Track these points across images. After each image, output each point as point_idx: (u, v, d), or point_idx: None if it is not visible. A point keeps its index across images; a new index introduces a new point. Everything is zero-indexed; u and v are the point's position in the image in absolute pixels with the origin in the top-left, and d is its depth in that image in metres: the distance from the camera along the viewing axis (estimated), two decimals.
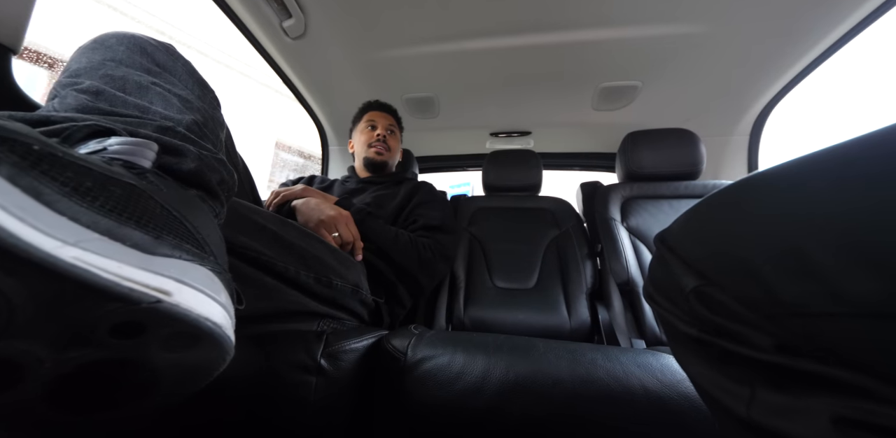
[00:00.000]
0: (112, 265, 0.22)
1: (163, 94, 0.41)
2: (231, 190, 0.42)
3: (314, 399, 0.51)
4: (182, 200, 0.32)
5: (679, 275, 0.25)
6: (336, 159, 1.85)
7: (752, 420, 0.21)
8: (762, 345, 0.21)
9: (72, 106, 0.36)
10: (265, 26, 1.13)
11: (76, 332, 0.22)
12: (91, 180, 0.25)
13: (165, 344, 0.25)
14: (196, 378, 0.29)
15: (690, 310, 0.25)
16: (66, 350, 0.22)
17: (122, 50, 0.43)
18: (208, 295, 0.27)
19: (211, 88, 0.50)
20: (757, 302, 0.20)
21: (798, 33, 1.08)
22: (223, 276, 0.30)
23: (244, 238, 0.53)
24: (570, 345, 0.60)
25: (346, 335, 0.58)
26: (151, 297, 0.23)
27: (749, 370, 0.22)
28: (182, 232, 0.29)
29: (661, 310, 0.29)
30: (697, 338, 0.25)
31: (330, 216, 0.80)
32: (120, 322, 0.22)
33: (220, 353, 0.28)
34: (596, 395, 0.50)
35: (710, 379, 0.25)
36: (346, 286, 0.68)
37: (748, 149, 1.50)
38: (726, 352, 0.23)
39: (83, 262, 0.21)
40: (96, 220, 0.23)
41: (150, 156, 0.32)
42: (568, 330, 1.06)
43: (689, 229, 0.27)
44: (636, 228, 1.16)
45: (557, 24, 1.13)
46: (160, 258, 0.25)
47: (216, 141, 0.44)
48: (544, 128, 1.73)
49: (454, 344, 0.59)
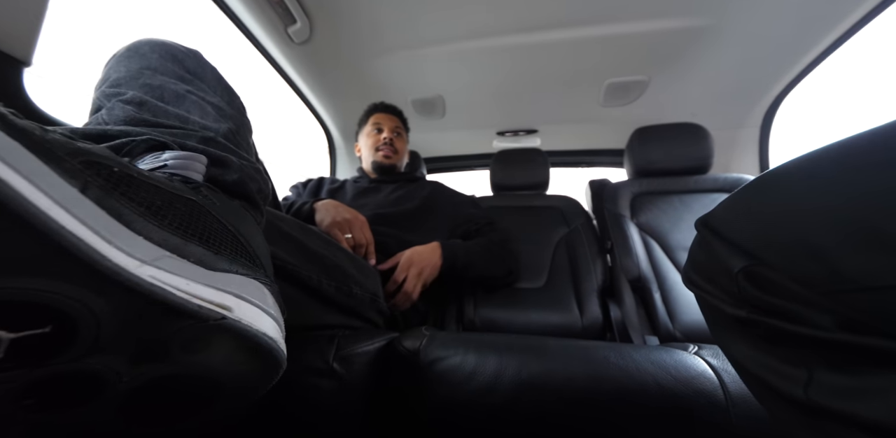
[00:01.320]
0: (182, 283, 0.23)
1: (198, 103, 0.42)
2: (267, 198, 0.43)
3: (327, 403, 0.51)
4: (233, 213, 0.33)
5: (725, 257, 0.25)
6: (343, 162, 1.85)
7: (811, 402, 0.20)
8: (821, 323, 0.20)
9: (120, 118, 0.38)
10: (270, 32, 1.14)
11: (150, 348, 0.23)
12: (161, 199, 0.26)
13: (227, 358, 0.26)
14: (254, 391, 0.29)
15: (739, 292, 0.24)
16: (141, 364, 0.23)
17: (156, 58, 0.45)
18: (262, 309, 0.28)
19: (237, 94, 0.51)
20: (814, 279, 0.20)
21: (808, 23, 1.06)
22: (272, 288, 0.31)
23: (270, 246, 0.53)
24: (582, 343, 0.59)
25: (357, 338, 0.59)
26: (217, 314, 0.24)
27: (805, 350, 0.21)
28: (236, 246, 0.30)
29: (703, 294, 0.29)
30: (746, 320, 0.24)
31: (345, 218, 0.82)
32: (188, 338, 0.23)
33: (275, 365, 0.29)
34: (609, 393, 0.50)
35: (759, 362, 0.24)
36: (366, 295, 0.68)
37: (759, 142, 1.48)
38: (779, 332, 0.22)
39: (158, 281, 0.22)
40: (166, 238, 0.24)
41: (201, 170, 0.34)
42: (580, 329, 1.06)
43: (737, 210, 0.27)
44: (646, 224, 1.15)
45: (563, 21, 1.12)
46: (220, 273, 0.26)
47: (248, 148, 0.45)
48: (551, 126, 1.72)
49: (466, 345, 0.59)
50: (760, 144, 1.48)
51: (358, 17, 1.13)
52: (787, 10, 1.04)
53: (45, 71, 0.68)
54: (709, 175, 1.22)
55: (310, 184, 1.22)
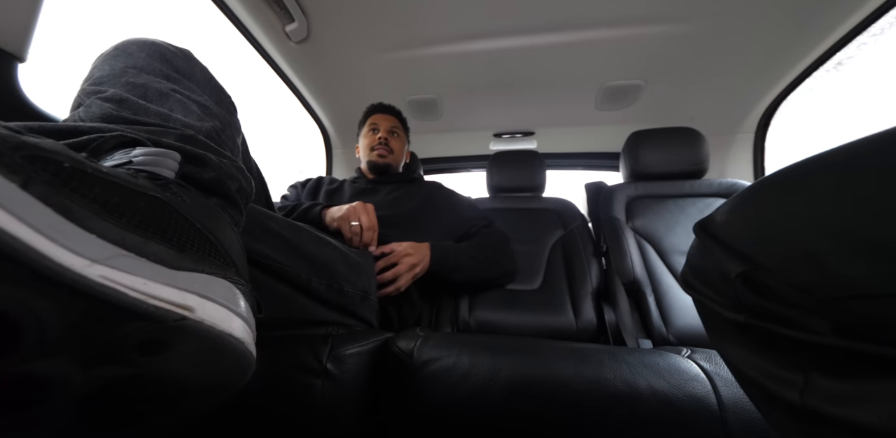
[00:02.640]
0: (138, 282, 0.22)
1: (182, 101, 0.41)
2: (249, 197, 0.42)
3: (321, 403, 0.51)
4: (204, 211, 0.32)
5: (723, 261, 0.25)
6: (340, 162, 1.85)
7: (807, 407, 0.20)
8: (818, 329, 0.20)
9: (97, 115, 0.37)
10: (268, 31, 1.14)
11: (104, 350, 0.22)
12: (119, 195, 0.25)
13: (190, 359, 0.25)
14: (220, 393, 0.29)
15: (736, 296, 0.24)
16: (94, 367, 0.22)
17: (143, 57, 0.44)
18: (230, 309, 0.27)
19: (228, 93, 0.50)
20: (811, 285, 0.20)
21: (803, 29, 1.07)
22: (244, 287, 0.30)
23: (257, 245, 0.53)
24: (576, 346, 0.59)
25: (351, 338, 0.59)
26: (176, 315, 0.23)
27: (802, 355, 0.21)
28: (205, 245, 0.29)
29: (702, 298, 0.29)
30: (744, 324, 0.24)
31: (352, 206, 0.85)
32: (146, 339, 0.22)
33: (243, 367, 0.28)
34: (603, 396, 0.50)
35: (756, 366, 0.24)
36: (357, 292, 0.68)
37: (754, 148, 1.49)
38: (776, 337, 0.22)
39: (110, 281, 0.21)
40: (124, 236, 0.23)
41: (173, 166, 0.32)
42: (574, 331, 1.06)
43: (735, 215, 0.26)
44: (641, 228, 1.16)
45: (560, 25, 1.13)
46: (184, 273, 0.25)
47: (234, 147, 0.45)
48: (548, 129, 1.73)
49: (460, 346, 0.59)
50: (755, 150, 1.49)
51: (356, 17, 1.12)
52: (782, 18, 1.05)
53: (48, 54, 0.67)
54: (704, 179, 1.23)
55: (308, 184, 1.21)
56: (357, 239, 0.83)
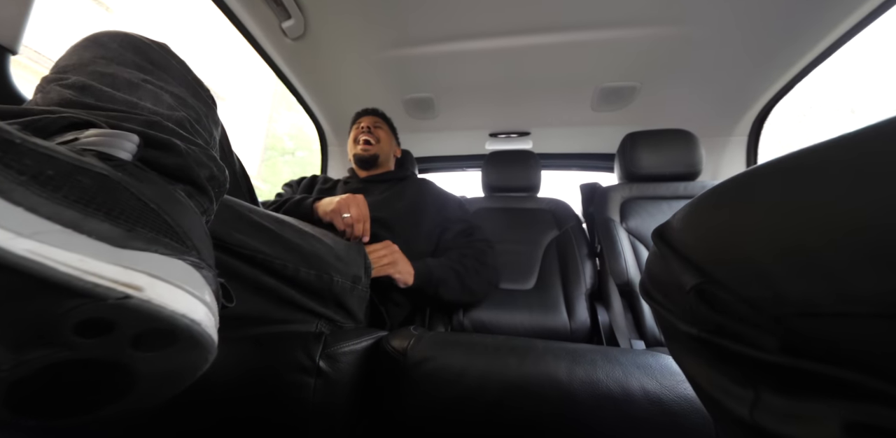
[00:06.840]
0: (73, 258, 0.21)
1: (154, 92, 0.40)
2: (222, 186, 0.40)
3: (313, 401, 0.51)
4: (162, 194, 0.30)
5: (678, 273, 0.24)
6: (335, 159, 1.85)
7: (755, 423, 0.20)
8: (767, 346, 0.19)
9: (54, 100, 0.35)
10: (265, 27, 1.13)
11: (37, 332, 0.21)
12: (53, 169, 0.23)
13: (138, 342, 0.23)
14: (177, 380, 0.27)
15: (691, 309, 0.23)
16: (27, 351, 0.21)
17: (115, 47, 0.42)
18: (187, 290, 0.25)
19: (206, 87, 0.49)
20: (762, 301, 0.19)
21: (797, 33, 1.08)
22: (206, 272, 0.29)
23: (239, 236, 0.53)
24: (569, 346, 0.60)
25: (345, 336, 0.58)
26: (119, 293, 0.21)
27: (753, 371, 0.21)
28: (160, 226, 0.27)
29: (659, 308, 0.28)
30: (697, 337, 0.24)
31: (343, 198, 0.85)
32: (85, 319, 0.21)
33: (201, 352, 0.26)
34: (595, 396, 0.50)
35: (711, 380, 0.24)
36: (346, 282, 0.67)
37: (747, 150, 1.50)
38: (728, 352, 0.22)
39: (38, 255, 0.19)
40: (58, 212, 0.22)
41: (130, 148, 0.31)
42: (568, 331, 1.06)
43: (688, 224, 0.25)
44: (635, 229, 1.16)
45: (557, 25, 1.13)
46: (132, 251, 0.24)
47: (209, 138, 0.43)
48: (543, 129, 1.73)
49: (454, 346, 0.59)
50: (748, 153, 1.50)
51: (353, 15, 1.12)
52: (776, 21, 1.05)
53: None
54: (698, 181, 1.23)
55: (303, 183, 1.22)
56: (350, 230, 0.83)
